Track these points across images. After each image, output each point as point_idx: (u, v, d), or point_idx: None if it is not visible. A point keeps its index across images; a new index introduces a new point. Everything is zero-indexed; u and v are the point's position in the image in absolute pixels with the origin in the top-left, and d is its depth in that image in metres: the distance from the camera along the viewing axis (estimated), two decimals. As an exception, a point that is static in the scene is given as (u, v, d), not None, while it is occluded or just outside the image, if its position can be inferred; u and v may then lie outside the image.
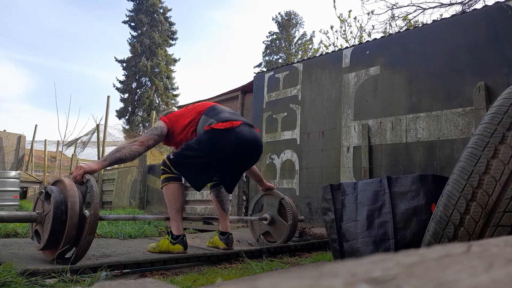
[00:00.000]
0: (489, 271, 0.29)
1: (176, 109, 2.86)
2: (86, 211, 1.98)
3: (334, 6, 9.75)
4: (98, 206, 2.01)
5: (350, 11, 10.20)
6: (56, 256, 1.90)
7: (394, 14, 8.07)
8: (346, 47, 4.44)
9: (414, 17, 8.12)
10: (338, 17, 9.16)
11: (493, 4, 3.34)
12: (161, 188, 2.57)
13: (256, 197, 3.31)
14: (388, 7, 8.13)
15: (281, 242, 3.01)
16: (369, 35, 8.76)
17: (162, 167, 2.56)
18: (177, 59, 25.74)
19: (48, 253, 1.98)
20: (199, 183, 2.51)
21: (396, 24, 8.25)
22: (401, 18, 8.08)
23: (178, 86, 25.93)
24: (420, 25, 4.86)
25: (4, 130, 12.94)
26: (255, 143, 2.51)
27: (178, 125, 2.58)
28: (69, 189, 1.95)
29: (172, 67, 25.66)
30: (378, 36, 4.26)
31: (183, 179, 2.59)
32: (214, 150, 2.40)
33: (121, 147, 2.37)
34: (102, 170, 9.10)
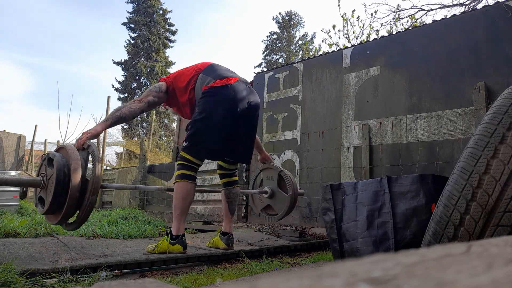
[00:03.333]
0: (489, 271, 0.29)
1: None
2: (88, 176, 2.00)
3: (339, 5, 9.76)
4: (101, 169, 2.02)
5: (353, 10, 10.22)
6: (59, 219, 1.92)
7: (399, 15, 8.09)
8: (346, 47, 4.45)
9: (416, 19, 8.13)
10: (342, 16, 9.17)
11: (493, 4, 3.34)
12: (174, 183, 2.50)
13: (255, 173, 3.32)
14: (390, 10, 8.15)
15: (282, 214, 3.02)
16: (377, 33, 8.77)
17: (178, 162, 2.49)
18: (174, 62, 25.75)
19: (52, 218, 2.00)
20: (220, 152, 2.49)
21: (401, 24, 8.25)
22: (406, 19, 8.10)
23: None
24: (420, 25, 4.87)
25: (4, 130, 12.95)
26: (252, 97, 2.56)
27: (179, 84, 2.58)
28: (71, 154, 1.96)
29: (171, 68, 25.67)
30: (383, 35, 4.24)
31: (197, 179, 2.55)
32: (218, 109, 2.40)
33: (121, 106, 2.39)
34: (102, 170, 9.11)
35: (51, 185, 1.90)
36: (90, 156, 2.10)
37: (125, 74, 25.14)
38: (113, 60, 25.29)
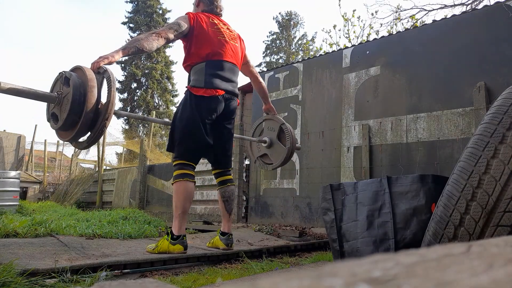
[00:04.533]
0: (489, 271, 0.29)
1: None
2: (103, 100, 2.00)
3: (339, 5, 9.74)
4: (115, 94, 2.01)
5: (354, 10, 10.22)
6: (71, 137, 1.94)
7: (400, 15, 8.10)
8: (346, 47, 4.45)
9: (417, 19, 8.14)
10: (342, 16, 9.17)
11: (493, 4, 3.34)
12: (172, 184, 2.51)
13: (258, 121, 3.34)
14: (392, 10, 8.16)
15: (277, 165, 3.09)
16: (377, 33, 8.77)
17: (175, 162, 2.55)
18: (175, 62, 25.74)
19: (64, 135, 2.01)
20: (197, 152, 2.55)
21: (402, 24, 8.27)
22: (407, 19, 8.11)
23: (177, 89, 25.94)
24: (421, 25, 4.87)
25: (4, 130, 12.95)
26: (228, 107, 2.63)
27: (197, 41, 2.55)
28: (88, 75, 1.96)
29: (171, 68, 25.67)
30: (383, 35, 4.25)
31: (195, 178, 2.59)
32: (194, 113, 2.48)
33: (139, 37, 2.35)
34: (102, 170, 9.12)
35: (66, 103, 1.90)
36: (105, 81, 2.06)
37: (125, 74, 25.15)
38: (113, 60, 25.26)
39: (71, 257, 2.18)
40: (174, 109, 23.73)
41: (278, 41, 28.64)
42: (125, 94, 25.14)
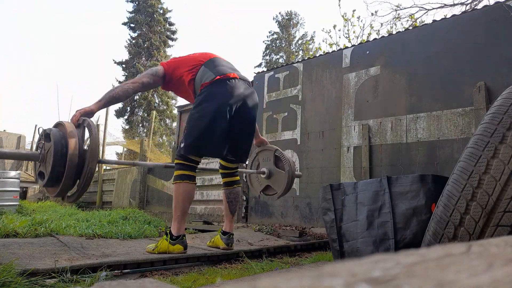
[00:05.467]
0: (489, 271, 0.29)
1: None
2: (85, 146, 2.04)
3: (339, 5, 9.75)
4: (97, 139, 2.03)
5: (354, 10, 10.21)
6: (58, 190, 1.95)
7: (399, 14, 8.10)
8: (346, 47, 4.45)
9: (416, 19, 8.14)
10: (342, 16, 9.17)
11: (493, 4, 3.34)
12: (173, 183, 2.48)
13: (252, 157, 3.31)
14: (392, 9, 8.16)
15: (281, 192, 3.02)
16: (378, 33, 8.77)
17: (176, 161, 2.46)
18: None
19: (52, 190, 2.02)
20: (220, 149, 2.46)
21: (401, 24, 8.27)
22: (406, 18, 8.11)
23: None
24: (421, 25, 4.87)
25: (4, 130, 12.94)
26: (251, 96, 2.55)
27: (179, 72, 2.57)
28: (68, 127, 1.99)
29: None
30: (383, 35, 4.25)
31: (196, 179, 2.54)
32: (213, 106, 2.37)
33: (115, 87, 2.41)
34: (102, 170, 9.11)
35: (50, 157, 1.92)
36: (86, 130, 2.12)
37: (126, 74, 25.14)
38: (114, 60, 25.29)
39: (71, 257, 2.18)
40: (174, 109, 23.73)
41: (278, 41, 28.63)
42: (125, 94, 25.07)
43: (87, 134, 2.12)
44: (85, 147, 2.03)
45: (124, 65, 25.22)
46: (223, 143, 2.47)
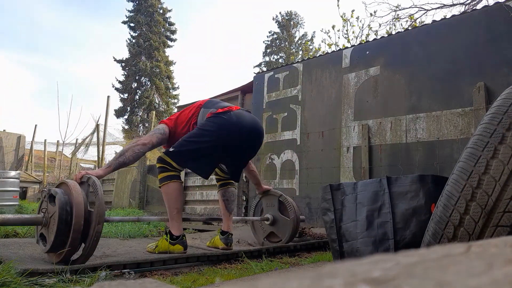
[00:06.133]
0: (489, 271, 0.29)
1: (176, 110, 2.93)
2: (91, 209, 1.99)
3: (338, 5, 9.69)
4: (103, 199, 2.01)
5: (353, 10, 10.18)
6: (61, 258, 1.90)
7: (398, 15, 8.09)
8: (346, 47, 4.45)
9: (416, 19, 8.14)
10: (341, 16, 9.13)
11: (493, 4, 3.34)
12: (159, 187, 2.55)
13: (255, 201, 3.30)
14: (391, 9, 8.15)
15: (286, 239, 2.99)
16: (376, 33, 8.76)
17: (159, 165, 2.49)
18: (174, 62, 25.70)
19: (54, 256, 1.98)
20: (207, 170, 2.49)
21: (401, 25, 8.26)
22: (405, 19, 8.10)
23: (178, 86, 25.94)
24: (420, 25, 4.87)
25: (4, 130, 12.95)
26: (255, 124, 2.56)
27: (179, 122, 2.62)
28: (73, 189, 1.95)
29: (171, 67, 25.65)
30: (383, 35, 4.26)
31: (182, 177, 2.59)
32: (218, 131, 2.41)
33: (124, 150, 2.38)
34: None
35: (53, 224, 1.89)
36: (91, 188, 2.10)
37: (126, 73, 25.13)
38: (114, 58, 25.27)
39: (71, 257, 2.18)
40: (174, 109, 23.71)
41: (278, 41, 28.65)
42: (125, 94, 25.12)
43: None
44: (90, 209, 1.99)
45: (124, 64, 25.21)
46: (210, 167, 2.53)
